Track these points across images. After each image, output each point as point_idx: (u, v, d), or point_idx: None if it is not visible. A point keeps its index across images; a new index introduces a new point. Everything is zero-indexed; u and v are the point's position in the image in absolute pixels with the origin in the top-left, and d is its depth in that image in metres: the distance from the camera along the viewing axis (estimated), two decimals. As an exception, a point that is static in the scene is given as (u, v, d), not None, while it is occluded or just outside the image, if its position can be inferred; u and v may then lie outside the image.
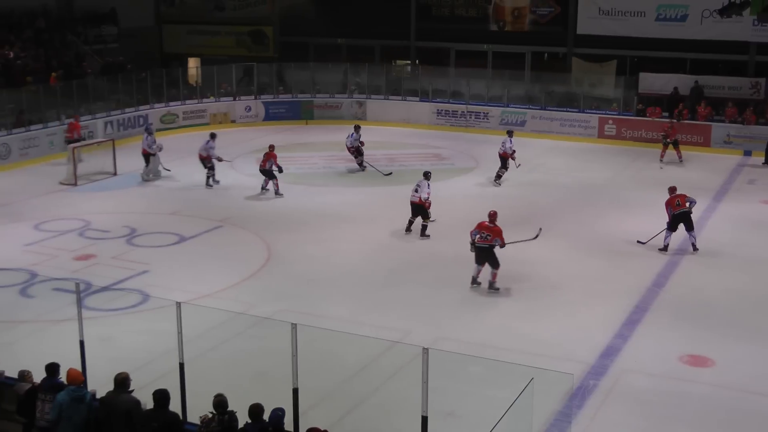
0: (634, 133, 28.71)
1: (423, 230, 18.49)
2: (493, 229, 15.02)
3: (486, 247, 15.06)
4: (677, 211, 17.42)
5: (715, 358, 12.68)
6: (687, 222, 17.46)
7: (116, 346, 12.72)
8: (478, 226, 15.21)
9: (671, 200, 17.60)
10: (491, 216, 15.19)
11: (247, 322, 13.37)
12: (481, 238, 15.07)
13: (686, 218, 17.45)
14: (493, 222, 15.13)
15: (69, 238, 18.36)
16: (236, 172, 24.14)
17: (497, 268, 15.14)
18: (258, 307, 14.23)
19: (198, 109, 31.26)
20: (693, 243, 17.60)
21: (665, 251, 17.47)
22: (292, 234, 18.59)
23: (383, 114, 31.83)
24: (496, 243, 15.00)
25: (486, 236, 15.04)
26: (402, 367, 11.68)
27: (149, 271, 16.20)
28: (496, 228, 15.02)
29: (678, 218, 17.45)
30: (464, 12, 34.74)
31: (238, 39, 38.37)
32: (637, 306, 14.73)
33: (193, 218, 19.74)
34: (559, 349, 12.84)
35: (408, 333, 13.25)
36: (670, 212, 17.50)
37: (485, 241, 15.05)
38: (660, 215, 17.92)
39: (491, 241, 14.99)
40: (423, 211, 18.44)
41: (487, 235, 15.03)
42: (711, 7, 28.83)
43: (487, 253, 15.09)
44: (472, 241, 15.21)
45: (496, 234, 14.97)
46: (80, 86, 27.77)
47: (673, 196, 17.66)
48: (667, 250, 17.51)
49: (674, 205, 17.49)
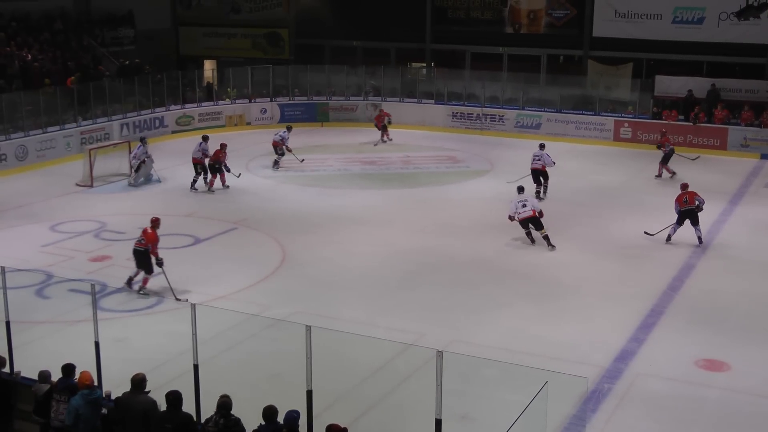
0: (650, 136, 28.55)
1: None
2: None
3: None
4: (684, 208, 18.13)
5: (731, 363, 12.61)
6: (693, 218, 18.09)
7: (131, 347, 12.77)
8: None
9: (680, 197, 18.34)
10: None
11: (262, 324, 13.40)
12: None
13: (692, 215, 18.08)
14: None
15: (85, 239, 18.45)
16: (252, 175, 24.21)
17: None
18: (272, 309, 14.24)
19: (214, 111, 31.35)
20: (699, 237, 18.13)
21: (669, 242, 18.18)
22: (307, 236, 18.61)
23: (398, 116, 31.80)
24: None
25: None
26: (416, 369, 11.68)
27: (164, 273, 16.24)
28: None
29: (684, 215, 18.14)
30: (480, 14, 34.73)
31: (254, 41, 38.47)
32: (652, 309, 14.67)
33: (208, 220, 19.80)
34: (574, 353, 12.80)
35: (422, 335, 13.23)
36: (677, 208, 18.24)
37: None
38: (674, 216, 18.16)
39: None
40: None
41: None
42: (728, 10, 28.73)
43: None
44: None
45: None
46: (97, 88, 27.90)
47: (683, 193, 18.37)
48: (670, 240, 18.21)
49: (682, 201, 18.21)
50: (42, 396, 9.26)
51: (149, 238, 15.05)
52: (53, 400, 9.12)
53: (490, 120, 31.03)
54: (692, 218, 18.04)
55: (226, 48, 38.74)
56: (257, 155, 26.66)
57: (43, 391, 9.30)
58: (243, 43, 38.64)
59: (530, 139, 29.42)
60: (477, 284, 15.75)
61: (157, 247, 15.02)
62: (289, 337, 10.01)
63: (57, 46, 30.75)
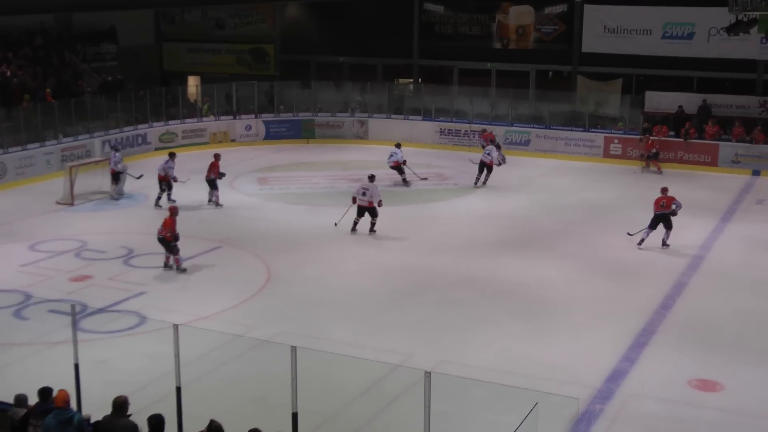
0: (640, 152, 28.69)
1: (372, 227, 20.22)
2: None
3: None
4: (659, 212, 18.86)
5: (725, 383, 12.60)
6: (666, 222, 18.87)
7: (112, 369, 12.66)
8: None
9: (658, 200, 19.02)
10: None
11: (246, 345, 13.33)
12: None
13: (666, 219, 18.85)
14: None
15: (65, 258, 18.33)
16: (237, 192, 24.14)
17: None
18: (257, 330, 14.17)
19: (198, 128, 31.31)
20: (664, 239, 18.96)
21: (640, 245, 18.91)
22: (292, 254, 18.56)
23: (385, 133, 31.85)
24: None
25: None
26: (404, 391, 11.61)
27: (146, 293, 16.16)
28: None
29: (658, 218, 18.89)
30: (468, 30, 34.88)
31: (239, 57, 38.54)
32: (644, 328, 14.66)
33: (191, 239, 19.69)
34: (565, 373, 12.77)
35: (410, 356, 13.18)
36: (654, 211, 18.99)
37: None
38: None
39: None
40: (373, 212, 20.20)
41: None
42: (718, 25, 28.88)
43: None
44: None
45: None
46: (78, 104, 27.83)
47: (660, 197, 19.05)
48: (641, 245, 18.93)
49: (659, 205, 18.91)
50: (18, 421, 9.13)
51: (166, 224, 17.22)
52: (30, 425, 8.99)
53: (478, 137, 31.05)
54: (665, 222, 18.78)
55: (211, 64, 38.78)
56: (241, 173, 26.60)
57: (19, 415, 9.17)
58: (227, 59, 38.70)
59: (520, 156, 29.58)
60: (466, 303, 15.71)
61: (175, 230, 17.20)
62: (275, 358, 9.96)
63: (38, 62, 30.69)
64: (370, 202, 19.97)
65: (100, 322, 14.64)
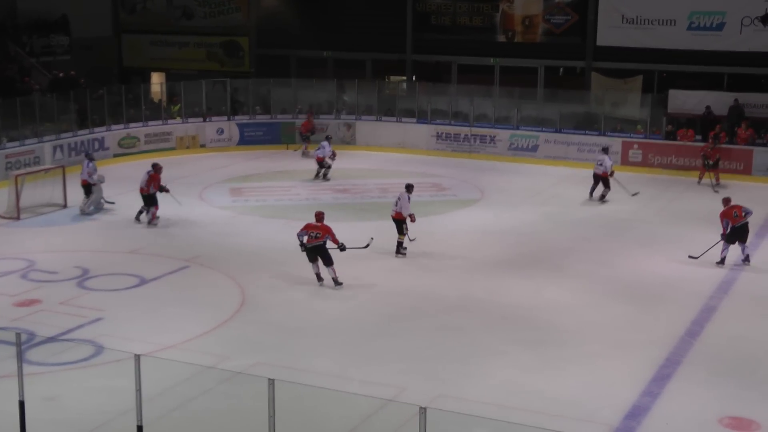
0: (663, 159, 28.85)
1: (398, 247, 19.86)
2: (321, 227, 17.53)
3: (318, 245, 17.45)
4: (737, 224, 18.89)
5: (761, 421, 12.63)
6: (744, 234, 19.02)
7: (63, 406, 12.61)
8: (305, 227, 17.63)
9: (728, 211, 19.03)
10: (318, 216, 17.74)
11: (218, 378, 13.31)
12: (310, 237, 17.43)
13: (745, 231, 18.98)
14: (320, 221, 17.65)
15: (9, 280, 18.28)
16: (207, 205, 24.17)
17: (331, 265, 17.53)
18: (230, 360, 14.16)
19: (162, 132, 31.30)
20: (747, 255, 19.16)
21: (722, 264, 18.98)
22: (270, 275, 18.56)
23: (375, 137, 31.97)
24: (327, 239, 17.46)
25: (316, 235, 17.41)
26: (396, 429, 11.62)
27: (104, 319, 16.11)
28: (324, 226, 17.57)
29: (737, 231, 18.94)
30: (468, 21, 35.05)
31: (209, 51, 38.66)
32: (668, 359, 14.69)
33: (155, 257, 19.70)
34: (577, 409, 12.80)
35: (403, 390, 13.19)
36: (727, 224, 18.95)
37: (316, 240, 17.39)
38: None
39: (322, 238, 17.40)
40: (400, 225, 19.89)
41: (317, 233, 17.42)
42: (752, 14, 29.09)
43: (319, 249, 17.51)
44: (301, 242, 17.52)
45: (326, 231, 17.48)
46: (25, 104, 27.77)
47: (730, 208, 19.11)
48: (724, 263, 19.00)
49: (732, 216, 18.92)
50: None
51: (153, 179, 21.21)
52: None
53: (479, 141, 31.21)
54: (743, 235, 18.94)
55: (177, 59, 38.89)
56: (212, 182, 26.61)
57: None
58: (196, 53, 38.81)
59: (526, 163, 29.70)
60: (466, 330, 15.73)
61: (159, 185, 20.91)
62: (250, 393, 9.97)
63: (-22, 56, 30.75)
64: (398, 213, 19.89)
65: (50, 352, 14.59)
